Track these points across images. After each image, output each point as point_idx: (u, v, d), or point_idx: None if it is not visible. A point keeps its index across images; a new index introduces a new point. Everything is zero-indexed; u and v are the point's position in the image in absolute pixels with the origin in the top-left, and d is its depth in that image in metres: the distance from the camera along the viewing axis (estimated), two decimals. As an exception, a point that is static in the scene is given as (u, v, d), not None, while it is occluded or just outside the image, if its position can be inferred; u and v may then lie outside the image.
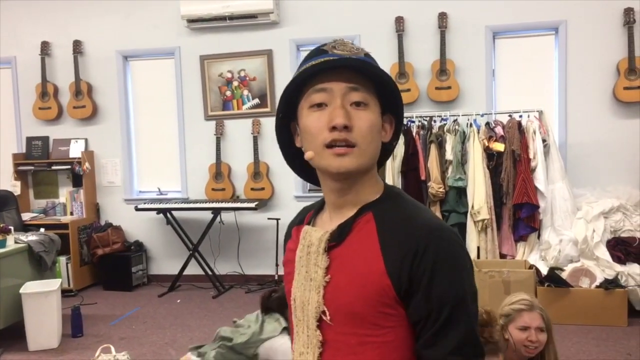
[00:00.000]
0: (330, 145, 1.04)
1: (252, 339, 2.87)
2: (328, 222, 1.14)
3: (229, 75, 6.18)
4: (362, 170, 1.08)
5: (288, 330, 2.47)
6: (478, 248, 5.09)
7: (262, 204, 5.97)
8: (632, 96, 5.30)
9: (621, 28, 5.35)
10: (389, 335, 1.03)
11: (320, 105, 1.06)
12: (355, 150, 1.04)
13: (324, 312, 1.08)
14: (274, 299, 2.95)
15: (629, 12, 5.26)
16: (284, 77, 6.06)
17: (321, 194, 1.17)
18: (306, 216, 1.22)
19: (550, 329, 2.34)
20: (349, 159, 1.04)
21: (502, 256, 5.10)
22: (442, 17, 5.61)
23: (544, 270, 4.81)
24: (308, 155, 1.08)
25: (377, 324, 1.03)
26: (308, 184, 6.04)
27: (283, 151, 1.20)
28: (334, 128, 1.03)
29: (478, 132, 5.16)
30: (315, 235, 1.12)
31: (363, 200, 1.10)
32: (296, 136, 1.15)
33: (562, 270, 4.76)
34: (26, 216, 6.19)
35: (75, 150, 6.40)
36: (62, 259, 5.93)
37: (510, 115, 5.25)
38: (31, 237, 4.92)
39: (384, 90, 1.09)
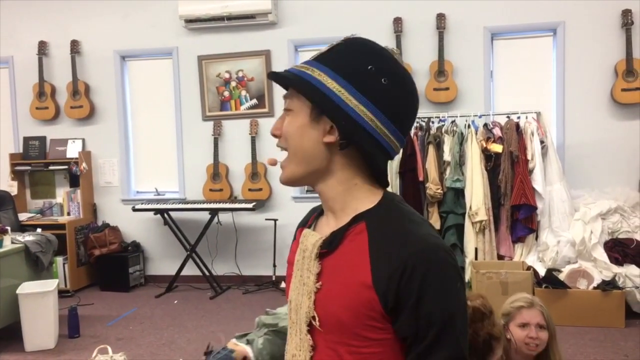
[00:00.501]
0: None
1: None
2: (325, 227, 1.14)
3: (227, 75, 6.18)
4: (299, 176, 1.11)
5: None
6: (476, 249, 5.09)
7: (260, 205, 5.96)
8: (630, 98, 5.30)
9: (619, 29, 5.36)
10: (375, 347, 1.03)
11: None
12: (286, 156, 1.11)
13: (314, 318, 1.08)
14: None
15: (627, 13, 5.27)
16: (282, 78, 6.03)
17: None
18: (310, 218, 1.23)
19: (552, 328, 2.31)
20: (283, 171, 1.12)
21: (500, 257, 5.10)
22: (441, 18, 5.61)
23: (542, 272, 4.81)
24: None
25: (363, 336, 1.03)
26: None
27: None
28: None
29: (476, 133, 5.15)
30: (311, 240, 1.12)
31: (351, 206, 1.09)
32: None
33: (559, 271, 4.76)
34: (23, 216, 6.17)
35: (73, 151, 6.39)
36: (59, 260, 5.92)
37: (508, 117, 5.25)
38: (28, 237, 4.90)
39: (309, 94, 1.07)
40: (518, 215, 5.05)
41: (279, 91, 6.07)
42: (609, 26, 5.40)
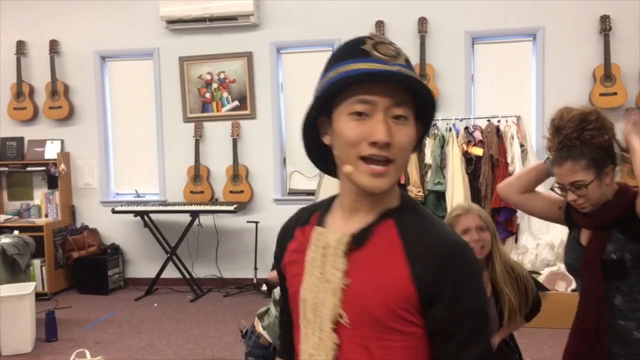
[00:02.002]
0: (366, 158, 1.03)
1: None
2: (342, 225, 1.12)
3: (209, 77, 6.15)
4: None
5: None
6: (456, 252, 5.12)
7: (241, 207, 5.94)
8: (608, 102, 5.37)
9: (597, 35, 5.44)
10: (407, 340, 1.05)
11: (360, 114, 1.03)
12: (392, 167, 1.03)
13: (340, 315, 1.07)
14: None
15: (605, 19, 5.35)
16: (264, 80, 6.04)
17: (301, 198, 1.17)
18: (311, 217, 1.20)
19: (492, 230, 2.38)
20: (385, 180, 1.04)
21: (480, 260, 5.13)
22: (422, 21, 5.64)
23: (521, 274, 4.85)
24: (347, 170, 1.05)
25: (396, 329, 1.04)
26: (288, 187, 6.04)
27: (305, 142, 1.16)
28: (374, 143, 1.01)
29: (457, 137, 5.19)
30: (333, 237, 1.10)
31: (380, 206, 1.10)
32: (324, 132, 1.11)
33: (538, 274, 4.80)
34: (0, 218, 6.08)
35: (51, 152, 6.31)
36: (37, 262, 5.82)
37: (488, 120, 5.30)
38: (5, 239, 4.84)
39: (420, 101, 1.07)
40: (498, 218, 5.09)
41: (260, 93, 6.06)
42: (587, 32, 5.48)
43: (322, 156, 1.17)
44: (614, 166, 1.94)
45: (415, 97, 1.06)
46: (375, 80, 1.02)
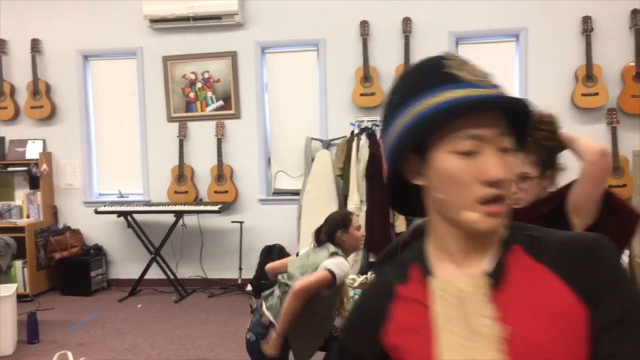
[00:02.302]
0: (481, 199, 0.90)
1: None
2: (455, 271, 0.97)
3: (193, 76, 6.12)
4: None
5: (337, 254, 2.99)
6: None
7: (226, 207, 5.92)
8: (589, 102, 5.44)
9: (579, 36, 5.49)
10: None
11: (467, 153, 0.90)
12: (505, 203, 0.92)
13: None
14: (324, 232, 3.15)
15: (587, 20, 5.40)
16: (248, 79, 6.02)
17: (286, 198, 1.13)
18: (409, 272, 1.02)
19: None
20: (501, 219, 0.92)
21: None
22: (406, 22, 5.66)
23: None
24: (470, 218, 0.92)
25: (573, 352, 0.90)
26: (272, 187, 6.02)
27: (388, 186, 1.04)
28: (489, 182, 0.89)
29: (441, 137, 5.21)
30: (461, 283, 0.95)
31: (493, 239, 0.97)
32: (414, 173, 0.97)
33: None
34: (-20, 219, 6.01)
35: (33, 151, 6.24)
36: (18, 263, 5.77)
37: (472, 120, 5.32)
38: (-15, 240, 4.78)
39: (517, 127, 0.96)
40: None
41: (245, 93, 6.05)
42: (569, 32, 5.53)
43: (405, 197, 1.04)
44: (554, 172, 2.04)
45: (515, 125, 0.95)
46: (483, 110, 0.90)
